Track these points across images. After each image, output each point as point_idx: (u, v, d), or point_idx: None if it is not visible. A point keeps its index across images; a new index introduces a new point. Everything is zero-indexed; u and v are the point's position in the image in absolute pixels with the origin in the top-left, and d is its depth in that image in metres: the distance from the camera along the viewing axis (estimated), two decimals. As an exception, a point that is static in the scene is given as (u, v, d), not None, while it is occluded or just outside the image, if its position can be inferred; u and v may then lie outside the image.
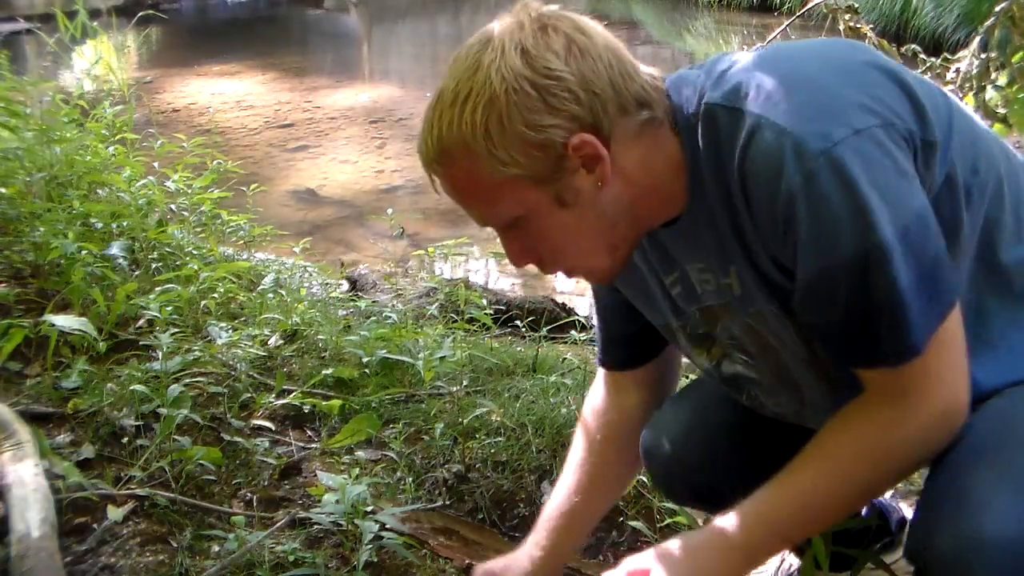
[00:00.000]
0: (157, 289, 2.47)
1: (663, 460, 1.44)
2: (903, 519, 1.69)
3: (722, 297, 1.14)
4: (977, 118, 1.16)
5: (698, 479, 1.43)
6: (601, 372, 1.46)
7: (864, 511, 1.66)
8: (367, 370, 2.32)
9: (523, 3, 1.04)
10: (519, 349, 2.69)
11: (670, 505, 1.93)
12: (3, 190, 2.87)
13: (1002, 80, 2.35)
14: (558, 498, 1.46)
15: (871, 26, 2.74)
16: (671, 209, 1.09)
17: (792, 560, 1.77)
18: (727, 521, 1.10)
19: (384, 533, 1.72)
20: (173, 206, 3.35)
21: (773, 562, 1.81)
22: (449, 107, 1.01)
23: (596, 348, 1.45)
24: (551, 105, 0.99)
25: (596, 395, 1.47)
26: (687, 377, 1.69)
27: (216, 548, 1.71)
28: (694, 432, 1.40)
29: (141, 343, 2.31)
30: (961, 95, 2.42)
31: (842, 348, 1.03)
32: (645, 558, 1.10)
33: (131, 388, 2.04)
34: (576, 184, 1.03)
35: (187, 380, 2.07)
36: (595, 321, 1.44)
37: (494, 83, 0.98)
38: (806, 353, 1.13)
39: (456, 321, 2.85)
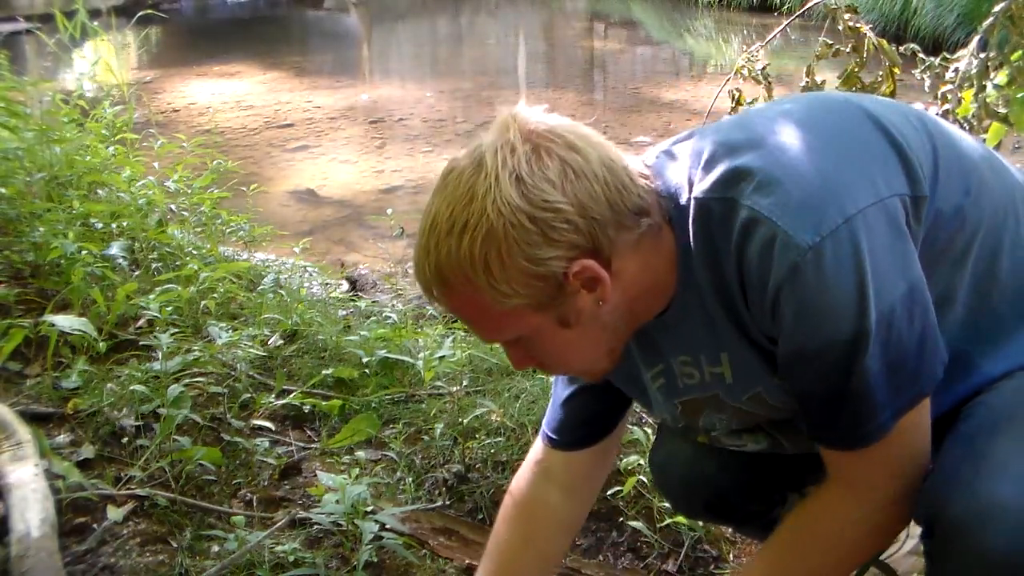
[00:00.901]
0: (157, 289, 2.47)
1: (676, 477, 1.45)
2: None
3: (708, 390, 1.15)
4: (955, 131, 1.17)
5: (712, 493, 1.43)
6: (540, 452, 1.39)
7: None
8: (367, 370, 2.32)
9: (511, 115, 1.01)
10: (519, 349, 2.68)
11: (670, 505, 1.93)
12: (3, 190, 2.87)
13: (1001, 79, 2.35)
14: None
15: (870, 26, 2.74)
16: (663, 301, 1.09)
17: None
18: None
19: (384, 533, 1.72)
20: (173, 206, 3.36)
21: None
22: (446, 236, 0.99)
23: (544, 428, 1.38)
24: (550, 237, 0.97)
25: (527, 480, 1.39)
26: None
27: (216, 548, 1.71)
28: (699, 449, 1.39)
29: (141, 343, 2.31)
30: (960, 94, 2.42)
31: (808, 421, 1.08)
32: None
33: (131, 388, 2.04)
34: (578, 305, 1.02)
35: (187, 380, 2.07)
36: (557, 401, 1.36)
37: (491, 217, 0.96)
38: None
39: (456, 321, 2.85)
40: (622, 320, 1.08)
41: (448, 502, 1.95)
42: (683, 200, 1.04)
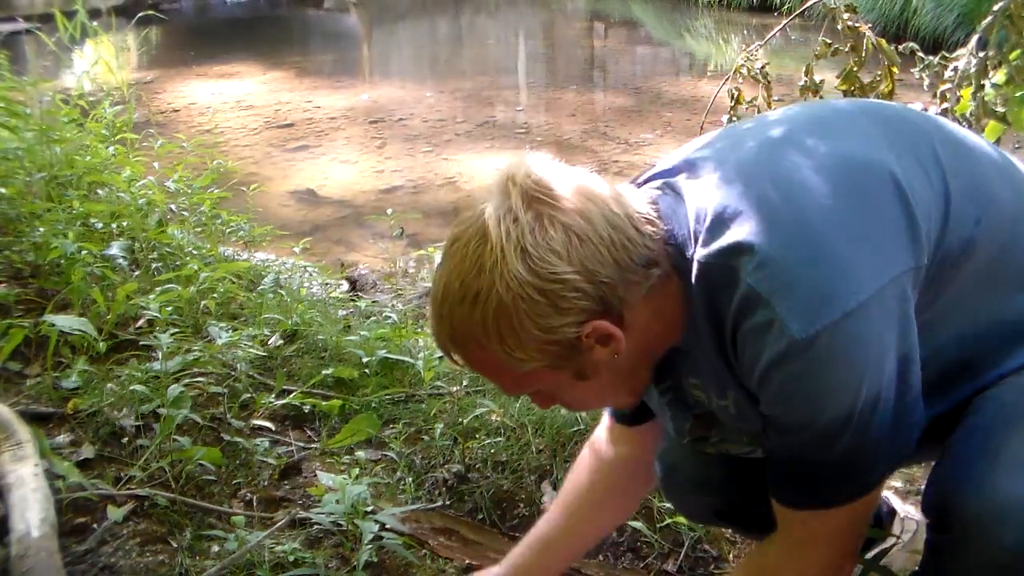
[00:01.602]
0: (157, 289, 2.47)
1: (685, 485, 1.45)
2: (892, 510, 1.72)
3: (718, 411, 1.17)
4: (971, 140, 1.16)
5: (722, 499, 1.44)
6: (607, 418, 1.48)
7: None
8: (367, 370, 2.32)
9: (510, 176, 1.01)
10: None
11: (670, 505, 1.93)
12: (3, 190, 2.87)
13: (1000, 78, 2.35)
14: (545, 524, 1.49)
15: (870, 26, 2.74)
16: (676, 336, 1.10)
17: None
18: None
19: (384, 533, 1.72)
20: (173, 206, 3.36)
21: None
22: (459, 304, 1.01)
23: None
24: (560, 307, 0.99)
25: (600, 437, 1.49)
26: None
27: (216, 548, 1.71)
28: (707, 456, 1.39)
29: (141, 343, 2.31)
30: (958, 93, 2.42)
31: (769, 474, 1.12)
32: None
33: (131, 388, 2.04)
34: (594, 359, 1.04)
35: (187, 380, 2.08)
36: None
37: (500, 291, 0.98)
38: None
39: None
40: (639, 363, 1.10)
41: (448, 502, 1.95)
42: (688, 253, 1.04)
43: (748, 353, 1.01)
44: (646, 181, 1.14)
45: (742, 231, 0.99)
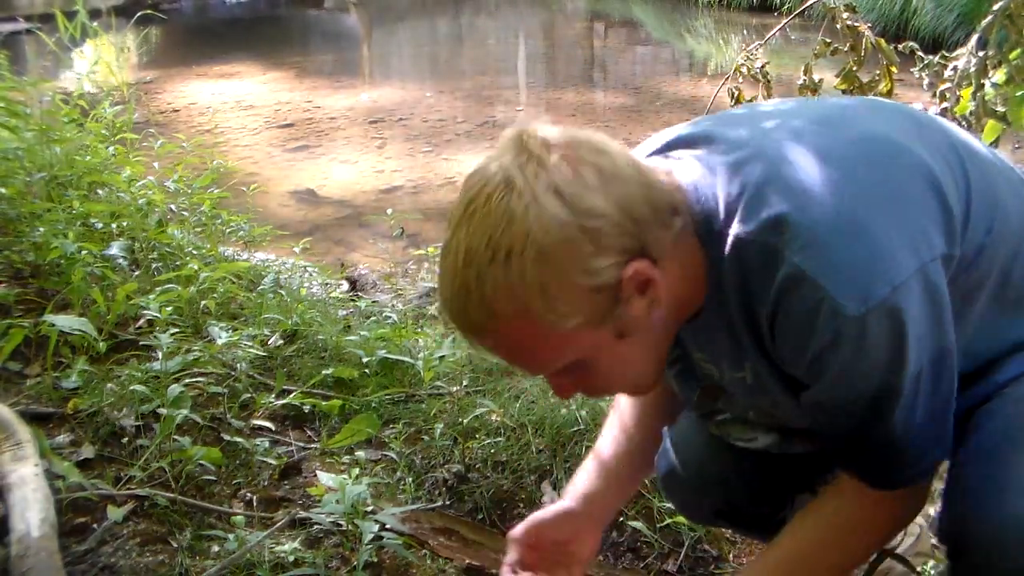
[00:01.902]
0: (157, 289, 2.47)
1: (685, 485, 1.45)
2: None
3: (728, 383, 1.16)
4: (980, 148, 1.16)
5: (719, 499, 1.44)
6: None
7: None
8: (367, 370, 2.32)
9: (521, 132, 0.96)
10: (519, 349, 2.68)
11: (670, 505, 1.93)
12: (3, 190, 2.87)
13: (999, 78, 2.35)
14: (608, 453, 1.39)
15: (870, 25, 2.74)
16: (696, 306, 1.07)
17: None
18: None
19: (384, 533, 1.72)
20: (173, 206, 3.36)
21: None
22: (490, 265, 0.91)
23: None
24: (602, 245, 0.93)
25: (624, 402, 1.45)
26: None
27: (216, 548, 1.71)
28: (709, 454, 1.40)
29: (141, 343, 2.31)
30: (958, 92, 2.42)
31: (838, 452, 1.11)
32: None
33: (131, 388, 2.04)
34: (632, 312, 0.98)
35: (187, 380, 2.08)
36: None
37: (538, 237, 0.90)
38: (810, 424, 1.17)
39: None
40: (668, 325, 1.06)
41: (448, 502, 1.95)
42: (717, 226, 1.00)
43: (793, 334, 0.99)
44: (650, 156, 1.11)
45: (783, 208, 0.97)
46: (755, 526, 1.55)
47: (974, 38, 2.45)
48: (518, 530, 1.28)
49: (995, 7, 2.35)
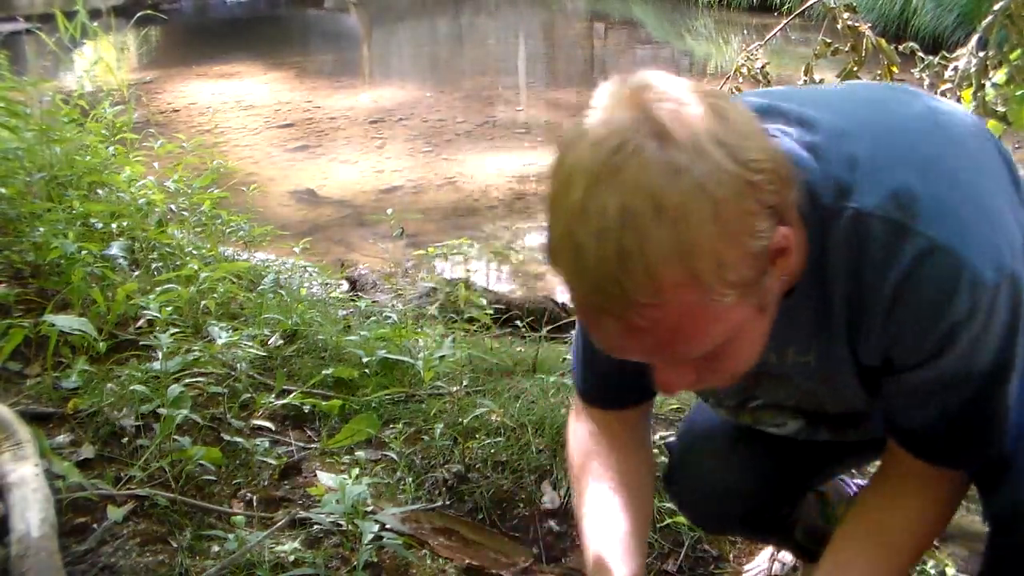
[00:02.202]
0: (157, 289, 2.47)
1: (707, 498, 1.44)
2: None
3: (782, 371, 1.11)
4: None
5: (746, 505, 1.42)
6: (592, 419, 1.31)
7: (853, 493, 1.70)
8: (367, 370, 2.32)
9: (635, 83, 0.84)
10: (519, 349, 2.69)
11: (669, 505, 1.93)
12: (3, 190, 2.87)
13: (1000, 78, 2.36)
14: (607, 535, 1.22)
15: (870, 25, 2.75)
16: (797, 279, 0.97)
17: (786, 555, 1.77)
18: None
19: (384, 533, 1.72)
20: (173, 206, 3.35)
21: (764, 555, 1.82)
22: (655, 222, 0.78)
23: (584, 390, 1.31)
24: (764, 204, 0.83)
25: (594, 435, 1.30)
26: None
27: (216, 548, 1.71)
28: (731, 463, 1.39)
29: (141, 343, 2.31)
30: (959, 93, 2.42)
31: (911, 436, 1.07)
32: None
33: (131, 388, 2.04)
34: (769, 284, 0.88)
35: (187, 380, 2.07)
36: (588, 356, 1.27)
37: (710, 190, 0.79)
38: (862, 405, 1.14)
39: (456, 321, 2.85)
40: (777, 303, 0.95)
41: (448, 502, 1.95)
42: (826, 201, 0.93)
43: (923, 310, 0.93)
44: None
45: (906, 181, 0.92)
46: (775, 529, 1.54)
47: (974, 38, 2.46)
48: None
49: (995, 7, 2.35)
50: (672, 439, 1.51)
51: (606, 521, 1.21)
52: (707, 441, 1.42)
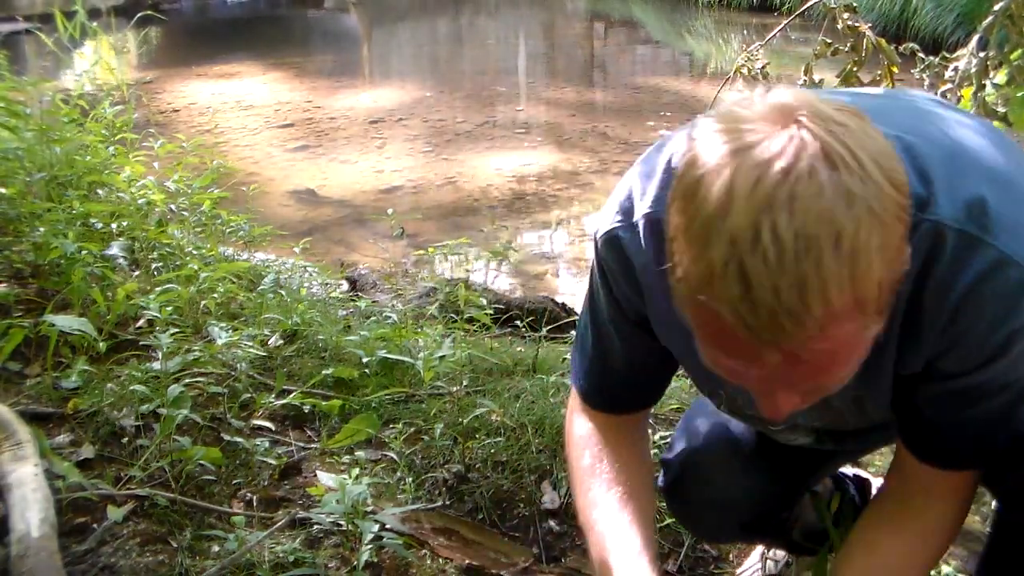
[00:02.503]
0: (157, 289, 2.47)
1: (707, 508, 1.45)
2: (867, 483, 1.75)
3: None
4: None
5: (742, 517, 1.44)
6: (593, 421, 1.30)
7: (851, 489, 1.71)
8: (367, 370, 2.32)
9: (779, 96, 0.81)
10: (519, 349, 2.69)
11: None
12: (3, 190, 2.87)
13: (1000, 78, 2.36)
14: (616, 530, 1.21)
15: (870, 25, 2.74)
16: None
17: (778, 551, 1.78)
18: None
19: (384, 533, 1.72)
20: (173, 206, 3.35)
21: (756, 555, 1.82)
22: (833, 254, 0.75)
23: (588, 393, 1.30)
24: (906, 227, 0.81)
25: (596, 436, 1.29)
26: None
27: (216, 548, 1.71)
28: (733, 471, 1.40)
29: (141, 343, 2.31)
30: (959, 93, 2.42)
31: (944, 449, 1.07)
32: None
33: (131, 388, 2.04)
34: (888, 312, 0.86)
35: (187, 380, 2.07)
36: (599, 352, 1.25)
37: (880, 216, 0.76)
38: (881, 422, 1.15)
39: (456, 321, 2.85)
40: None
41: (448, 502, 1.95)
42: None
43: (986, 319, 0.93)
44: None
45: (980, 194, 0.92)
46: (775, 533, 1.55)
47: (975, 38, 2.46)
48: None
49: (995, 7, 2.35)
50: (668, 455, 1.50)
51: (619, 533, 1.19)
52: (707, 455, 1.42)
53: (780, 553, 1.78)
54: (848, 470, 1.80)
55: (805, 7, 3.50)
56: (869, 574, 1.14)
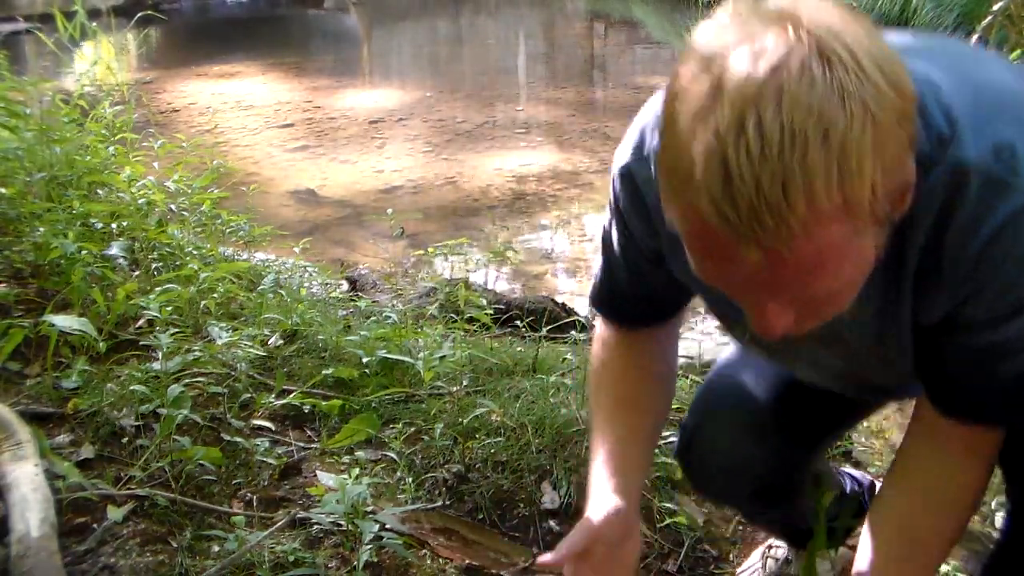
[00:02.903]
0: (157, 289, 2.47)
1: (718, 469, 1.45)
2: (873, 484, 1.75)
3: (835, 325, 1.07)
4: None
5: (754, 477, 1.43)
6: (614, 333, 1.31)
7: (848, 486, 1.71)
8: (367, 370, 2.32)
9: (780, 11, 0.79)
10: (519, 349, 2.69)
11: (670, 505, 1.93)
12: (3, 190, 2.87)
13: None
14: (619, 445, 1.24)
15: (871, 26, 2.75)
16: None
17: (778, 549, 1.78)
18: None
19: (384, 533, 1.72)
20: (173, 206, 3.36)
21: (756, 554, 1.83)
22: (820, 149, 0.73)
23: (600, 303, 1.31)
24: (909, 135, 0.79)
25: (617, 352, 1.30)
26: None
27: (216, 548, 1.71)
28: (740, 435, 1.40)
29: (141, 343, 2.31)
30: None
31: (969, 405, 1.04)
32: None
33: (131, 388, 2.04)
34: (888, 228, 0.84)
35: (187, 380, 2.08)
36: (608, 276, 1.26)
37: (876, 116, 0.74)
38: (907, 376, 1.12)
39: (456, 321, 2.85)
40: None
41: (448, 502, 1.95)
42: (926, 149, 0.89)
43: (1011, 265, 0.91)
44: None
45: (1010, 137, 0.89)
46: (783, 501, 1.54)
47: (974, 38, 2.45)
48: (573, 543, 1.13)
49: (995, 7, 2.36)
50: (684, 420, 1.51)
51: (606, 444, 1.23)
52: (720, 416, 1.43)
53: (780, 552, 1.78)
54: (851, 471, 1.80)
55: (805, 7, 3.50)
56: (892, 535, 1.11)
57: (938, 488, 1.09)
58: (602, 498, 1.18)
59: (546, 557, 1.13)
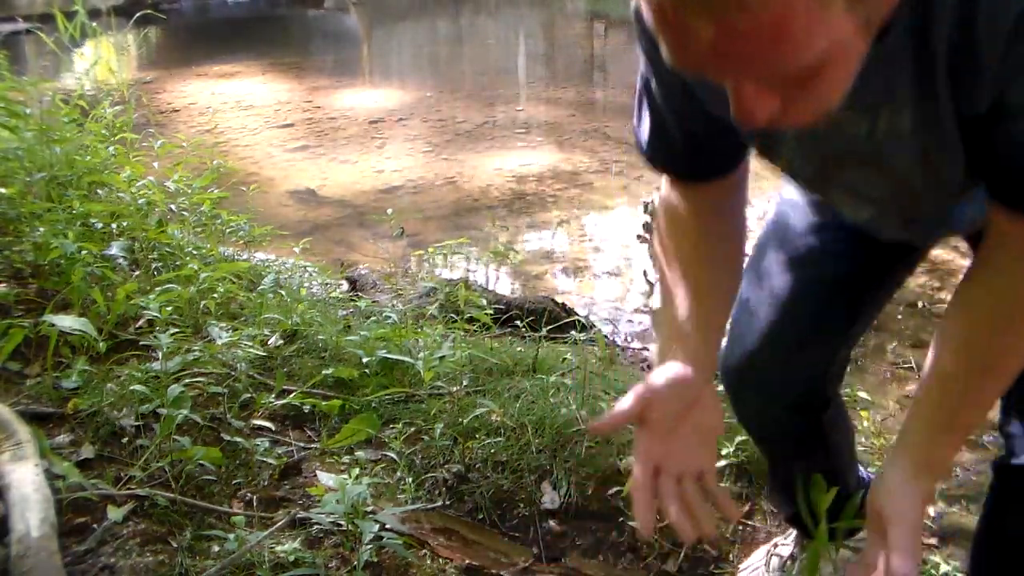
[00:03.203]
0: (157, 289, 2.47)
1: (761, 376, 1.44)
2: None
3: (881, 135, 1.02)
4: None
5: (796, 388, 1.44)
6: (678, 188, 1.25)
7: (852, 485, 1.71)
8: (367, 370, 2.32)
9: None
10: (519, 349, 2.69)
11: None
12: (3, 190, 2.87)
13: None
14: (689, 307, 1.18)
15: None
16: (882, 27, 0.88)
17: (783, 547, 1.78)
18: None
19: (384, 533, 1.72)
20: (173, 206, 3.36)
21: (760, 552, 1.82)
22: None
23: (651, 156, 1.23)
24: None
25: (683, 212, 1.23)
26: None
27: (216, 548, 1.71)
28: (782, 346, 1.40)
29: (141, 343, 2.31)
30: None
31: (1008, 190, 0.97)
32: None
33: (131, 388, 2.04)
34: (881, 3, 0.81)
35: (187, 380, 2.08)
36: (657, 126, 1.20)
37: None
38: (957, 188, 1.07)
39: (456, 321, 2.85)
40: (876, 34, 0.85)
41: (448, 502, 1.95)
42: None
43: None
44: None
45: None
46: (813, 423, 1.53)
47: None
48: (624, 409, 1.06)
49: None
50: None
51: (676, 304, 1.17)
52: (755, 331, 1.42)
53: (785, 551, 1.78)
54: (860, 471, 1.79)
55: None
56: (960, 348, 1.06)
57: (1011, 298, 1.02)
58: (666, 362, 1.12)
59: (597, 423, 1.07)
